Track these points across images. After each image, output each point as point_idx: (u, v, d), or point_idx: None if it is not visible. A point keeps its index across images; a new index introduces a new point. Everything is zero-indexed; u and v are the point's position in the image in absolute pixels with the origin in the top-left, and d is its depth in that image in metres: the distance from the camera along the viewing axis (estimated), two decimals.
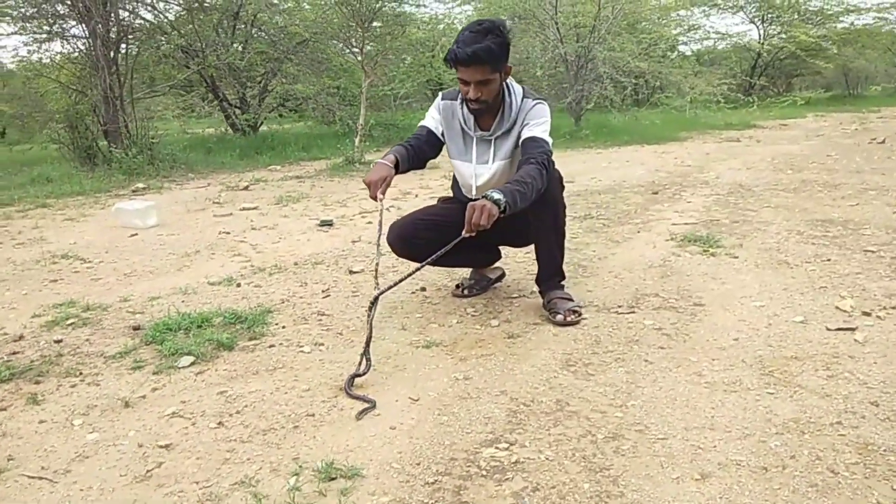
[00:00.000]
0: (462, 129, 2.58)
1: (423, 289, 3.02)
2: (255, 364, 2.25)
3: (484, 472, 1.58)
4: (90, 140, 7.57)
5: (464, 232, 2.10)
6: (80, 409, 1.96)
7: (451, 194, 2.86)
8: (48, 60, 8.23)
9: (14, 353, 2.40)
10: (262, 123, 11.29)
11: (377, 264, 2.24)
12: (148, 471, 1.64)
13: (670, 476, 1.53)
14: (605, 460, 1.61)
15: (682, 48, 16.23)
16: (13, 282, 3.40)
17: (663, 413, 1.82)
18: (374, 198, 2.31)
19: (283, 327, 2.59)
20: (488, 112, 2.51)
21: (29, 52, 8.13)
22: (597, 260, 3.40)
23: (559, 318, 2.51)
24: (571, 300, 2.60)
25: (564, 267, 2.67)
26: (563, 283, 2.68)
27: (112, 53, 7.44)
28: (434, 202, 2.94)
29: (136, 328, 2.61)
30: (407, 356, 2.27)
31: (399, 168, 2.45)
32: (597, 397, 1.93)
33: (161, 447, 1.74)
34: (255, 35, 10.34)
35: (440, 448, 1.69)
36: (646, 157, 8.09)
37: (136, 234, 4.49)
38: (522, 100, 2.51)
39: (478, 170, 2.57)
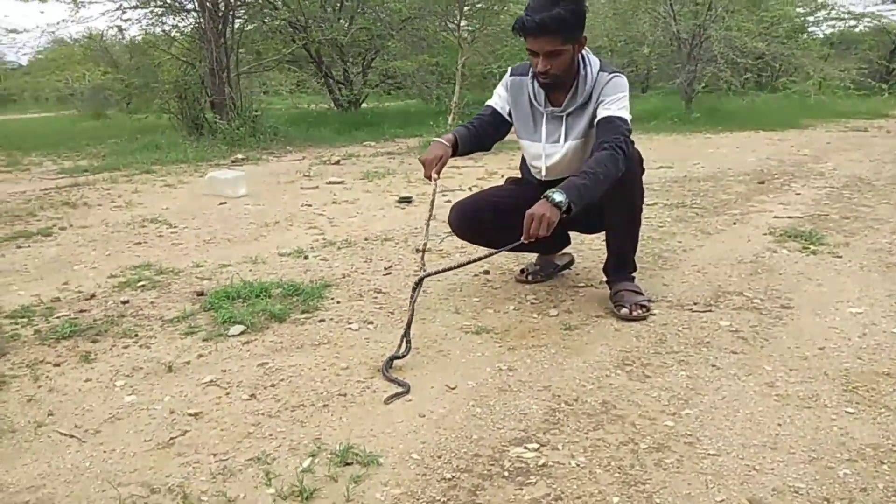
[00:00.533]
0: (531, 105, 2.42)
1: (487, 272, 2.90)
2: (301, 337, 2.22)
3: (506, 473, 1.46)
4: (198, 111, 7.89)
5: (522, 238, 1.97)
6: (126, 370, 2.00)
7: (519, 174, 2.71)
8: (162, 33, 8.63)
9: (82, 311, 2.49)
10: (363, 100, 11.42)
11: (424, 245, 2.14)
12: (172, 438, 1.63)
13: (714, 498, 1.36)
14: (644, 473, 1.45)
15: (812, 29, 14.99)
16: (101, 242, 3.56)
17: (721, 426, 1.63)
18: (429, 177, 2.21)
19: (338, 302, 2.55)
20: (560, 87, 2.34)
21: (150, 23, 8.55)
22: (680, 252, 3.16)
23: (624, 311, 2.33)
24: (640, 294, 2.41)
25: (641, 256, 2.47)
26: (633, 274, 2.49)
27: (220, 27, 7.69)
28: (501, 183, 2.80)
29: (199, 294, 2.65)
30: (454, 341, 2.17)
31: (458, 149, 2.34)
32: (648, 402, 1.76)
33: (190, 415, 1.73)
34: (361, 11, 10.43)
35: (466, 442, 1.59)
36: (758, 144, 7.54)
37: (225, 203, 4.61)
38: (598, 73, 2.32)
39: (547, 149, 2.41)
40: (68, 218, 4.18)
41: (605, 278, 2.54)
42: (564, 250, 2.86)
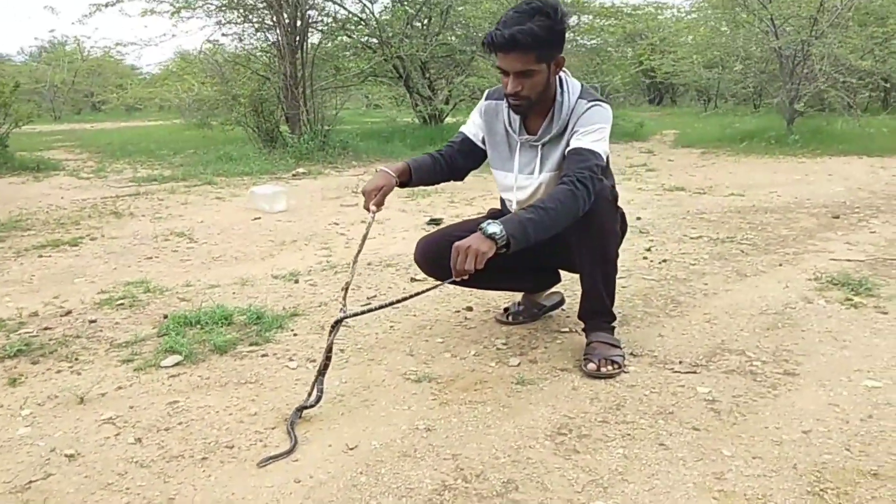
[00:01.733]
0: (506, 132, 2.19)
1: (470, 308, 2.68)
2: (231, 374, 2.09)
3: None
4: (273, 124, 8.07)
5: (453, 276, 1.76)
6: (40, 398, 1.94)
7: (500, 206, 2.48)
8: (240, 49, 8.92)
9: (46, 329, 2.49)
10: (447, 115, 11.35)
11: (348, 284, 1.96)
12: (31, 481, 1.54)
13: None
14: None
15: None
16: (117, 255, 3.61)
17: None
18: (367, 209, 2.03)
19: (295, 335, 2.42)
20: (537, 113, 2.11)
21: (234, 38, 8.86)
22: (700, 297, 2.81)
23: (591, 366, 2.05)
24: (616, 347, 2.12)
25: (651, 299, 2.18)
26: (612, 324, 2.20)
27: (297, 41, 7.83)
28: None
29: (165, 317, 2.59)
30: (387, 390, 1.98)
31: (412, 178, 2.14)
32: (560, 486, 1.49)
33: (67, 456, 1.64)
34: (448, 26, 10.38)
35: None
36: (855, 172, 6.81)
37: (259, 218, 4.61)
38: (577, 100, 2.07)
39: (520, 181, 2.17)
40: (105, 228, 4.30)
41: (581, 325, 2.26)
42: (554, 289, 2.60)
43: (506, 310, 2.55)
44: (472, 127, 2.27)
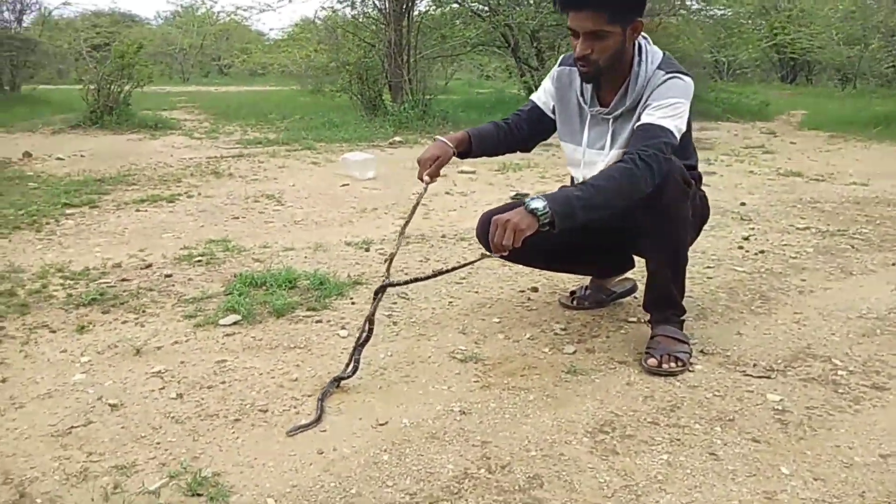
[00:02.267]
0: (578, 103, 2.05)
1: (535, 289, 2.57)
2: (283, 337, 2.11)
3: None
4: (376, 92, 8.13)
5: (487, 251, 1.66)
6: (101, 347, 2.02)
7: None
8: (351, 16, 9.01)
9: (124, 280, 2.60)
10: None
11: (393, 254, 1.90)
12: (73, 427, 1.60)
13: None
14: None
15: None
16: (208, 213, 3.75)
17: None
18: (421, 179, 1.96)
19: (353, 303, 2.40)
20: (611, 83, 1.95)
21: (344, 5, 8.98)
22: (794, 293, 2.56)
23: (651, 362, 1.90)
24: (683, 342, 1.96)
25: (737, 293, 2.01)
26: (682, 318, 2.03)
27: (403, 8, 7.81)
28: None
29: (235, 276, 2.65)
30: (431, 367, 1.92)
31: (472, 148, 2.04)
32: (588, 488, 1.39)
33: (110, 405, 1.69)
34: None
35: (335, 496, 1.36)
36: None
37: (347, 185, 4.66)
38: (655, 71, 1.89)
39: (589, 156, 2.02)
40: (203, 187, 4.48)
41: (647, 316, 2.11)
42: (627, 274, 2.44)
43: (572, 293, 2.42)
44: (543, 94, 2.14)
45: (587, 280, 2.44)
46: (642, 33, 1.91)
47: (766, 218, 3.79)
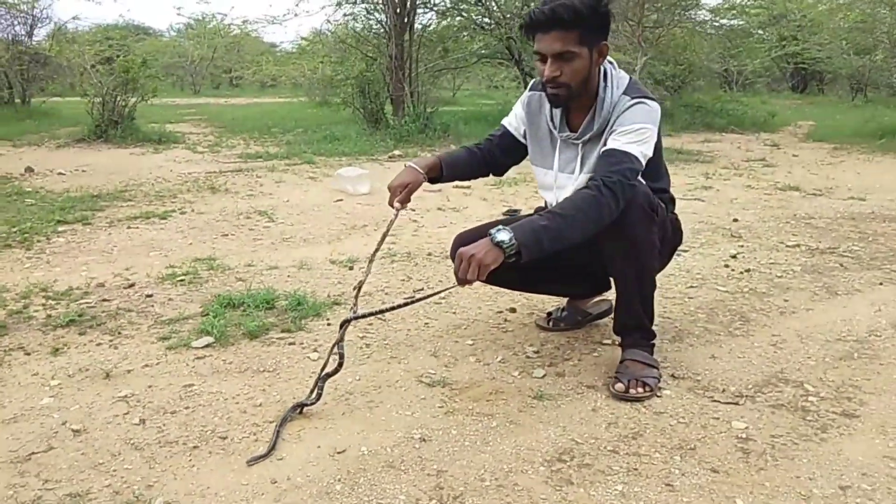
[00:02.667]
0: (548, 127, 2.05)
1: (513, 310, 2.56)
2: (253, 360, 2.11)
3: None
4: (378, 105, 8.16)
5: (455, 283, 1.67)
6: (72, 370, 2.03)
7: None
8: (353, 30, 9.06)
9: (104, 300, 2.62)
10: None
11: (361, 282, 1.90)
12: (33, 453, 1.61)
13: None
14: None
15: None
16: (198, 230, 3.77)
17: None
18: (391, 205, 1.96)
19: (329, 324, 2.41)
20: (579, 108, 1.96)
21: (347, 18, 9.03)
22: (775, 314, 2.54)
23: (619, 387, 1.89)
24: (652, 367, 1.95)
25: (715, 314, 2.00)
26: (651, 342, 2.02)
27: (406, 22, 7.85)
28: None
29: (216, 296, 2.66)
30: (397, 392, 1.92)
31: (443, 174, 2.05)
32: None
33: (73, 431, 1.70)
34: None
35: None
36: None
37: (341, 200, 4.67)
38: (621, 96, 1.89)
39: (560, 180, 2.03)
40: (197, 203, 4.51)
41: (616, 339, 2.10)
42: (604, 296, 2.43)
43: (549, 315, 2.42)
44: (514, 120, 2.14)
45: (565, 301, 2.43)
46: (608, 58, 1.91)
47: (756, 235, 3.76)
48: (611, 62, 1.93)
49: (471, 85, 21.78)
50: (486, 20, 9.69)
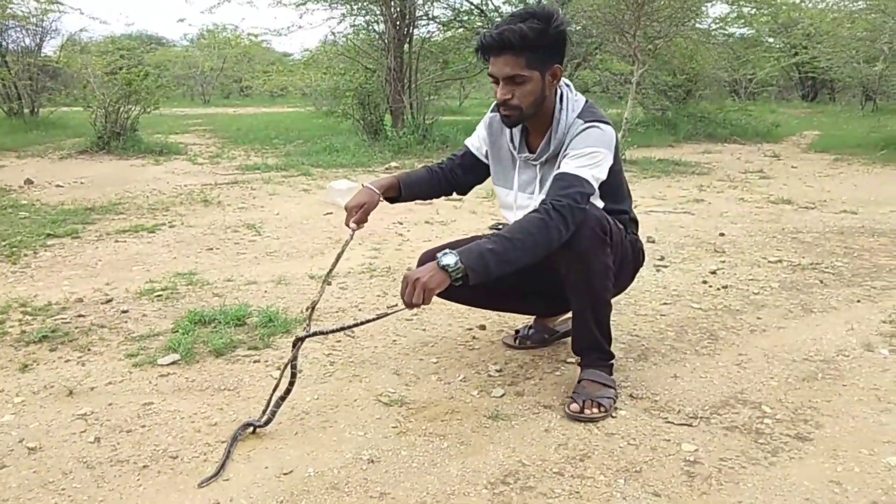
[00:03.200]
0: (508, 148, 2.08)
1: (483, 327, 2.57)
2: (216, 378, 2.13)
3: None
4: (377, 117, 8.21)
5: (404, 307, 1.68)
6: (37, 387, 2.06)
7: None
8: (345, 41, 9.13)
9: (80, 316, 2.65)
10: None
11: (315, 302, 1.92)
12: None
13: None
14: None
15: None
16: (184, 244, 3.81)
17: None
18: (348, 225, 1.99)
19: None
20: (537, 130, 1.98)
21: (348, 31, 9.11)
22: (745, 333, 2.53)
23: (574, 407, 1.90)
24: (608, 387, 1.95)
25: (685, 331, 2.02)
26: (609, 362, 2.02)
27: (405, 33, 7.90)
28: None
29: (189, 312, 2.69)
30: (351, 412, 1.93)
31: (401, 193, 2.07)
32: None
33: (28, 449, 1.73)
34: (569, 18, 10.10)
35: None
36: None
37: (330, 214, 4.70)
38: (575, 119, 1.91)
39: (520, 200, 2.04)
40: (188, 216, 4.55)
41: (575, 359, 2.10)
42: (567, 315, 2.43)
43: (516, 332, 2.43)
44: (477, 140, 2.17)
45: (533, 319, 2.44)
46: (564, 80, 1.93)
47: (740, 250, 3.75)
48: (567, 84, 1.95)
49: (479, 94, 21.81)
50: (485, 30, 9.72)
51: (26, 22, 11.38)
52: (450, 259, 1.62)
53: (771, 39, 19.04)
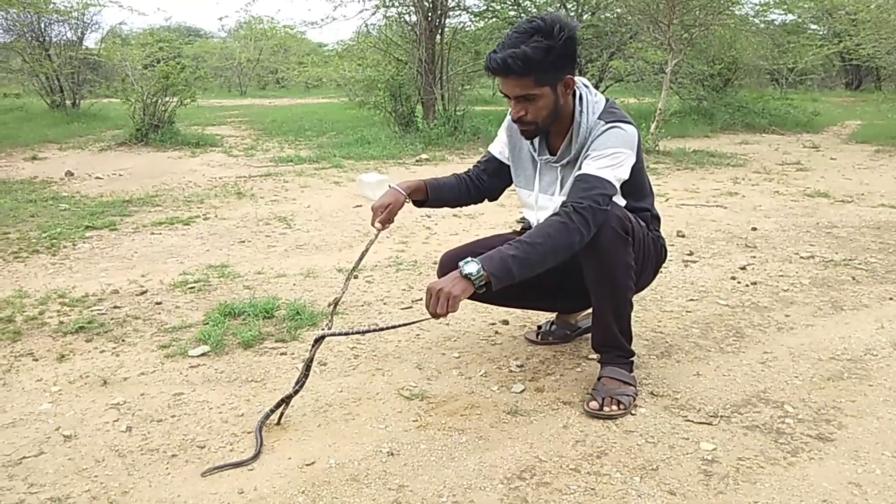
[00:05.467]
0: (529, 151, 2.09)
1: (506, 322, 2.59)
2: (245, 370, 2.19)
3: None
4: (409, 108, 8.24)
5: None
6: (73, 377, 2.14)
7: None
8: (378, 32, 9.16)
9: (115, 307, 2.74)
10: None
11: (337, 300, 1.96)
12: (24, 457, 1.71)
13: None
14: None
15: None
16: (217, 237, 3.89)
17: None
18: (373, 225, 2.02)
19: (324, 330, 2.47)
20: (558, 132, 1.99)
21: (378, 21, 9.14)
22: (772, 330, 2.51)
23: (593, 405, 1.91)
24: (628, 384, 1.96)
25: (711, 328, 2.02)
26: (629, 359, 2.03)
27: (437, 24, 7.90)
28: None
29: (220, 304, 2.76)
30: (374, 405, 1.97)
31: (428, 197, 2.10)
32: None
33: (65, 436, 1.80)
34: (604, 6, 9.99)
35: None
36: None
37: (360, 206, 4.76)
38: (596, 121, 1.91)
39: (542, 201, 2.06)
40: (222, 209, 4.65)
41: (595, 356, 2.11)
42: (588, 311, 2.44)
43: (539, 328, 2.44)
44: (499, 145, 2.18)
45: (555, 314, 2.45)
46: (583, 81, 1.94)
47: (772, 245, 3.70)
48: (586, 86, 1.95)
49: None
50: (519, 20, 9.68)
51: (68, 16, 11.66)
52: (472, 267, 1.64)
53: (814, 26, 18.54)
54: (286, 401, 1.84)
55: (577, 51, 1.86)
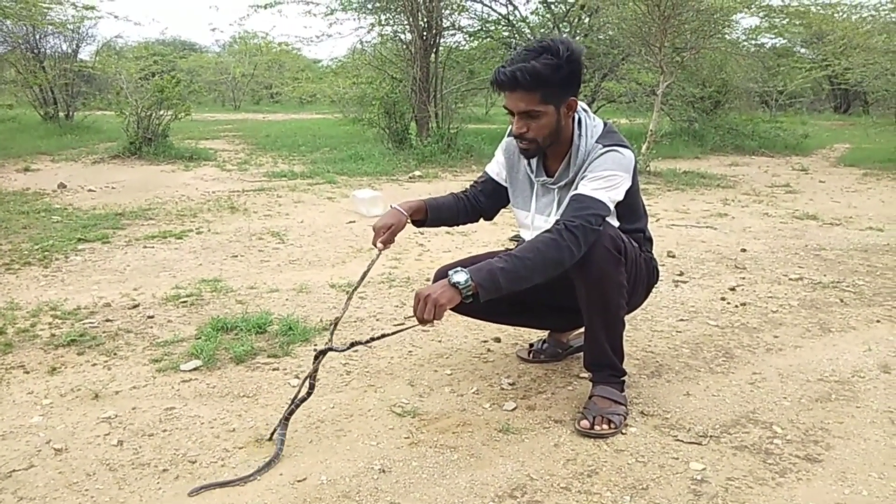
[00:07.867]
0: (526, 172, 2.12)
1: (498, 339, 2.60)
2: (236, 385, 2.19)
3: None
4: (403, 125, 8.29)
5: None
6: (65, 390, 2.14)
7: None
8: (373, 50, 9.24)
9: (107, 321, 2.74)
10: None
11: (338, 318, 1.97)
12: (13, 471, 1.70)
13: None
14: None
15: None
16: (210, 251, 3.90)
17: None
18: (375, 245, 2.04)
19: (314, 350, 2.47)
20: (555, 154, 2.02)
21: (373, 39, 9.22)
22: (760, 351, 2.53)
23: (584, 423, 1.92)
24: (619, 404, 1.98)
25: (701, 348, 2.04)
26: (621, 378, 2.04)
27: (431, 43, 7.97)
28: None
29: (212, 319, 2.76)
30: (365, 422, 1.98)
31: (428, 217, 2.12)
32: None
33: (55, 450, 1.80)
34: (597, 28, 10.11)
35: None
36: None
37: (353, 222, 4.77)
38: (594, 144, 1.94)
39: (538, 221, 2.08)
40: (214, 223, 4.65)
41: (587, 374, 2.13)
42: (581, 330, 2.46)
43: (530, 346, 2.45)
44: (496, 165, 2.21)
45: (547, 333, 2.47)
46: (582, 105, 1.97)
47: (761, 266, 3.74)
48: (585, 109, 1.98)
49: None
50: (513, 40, 9.78)
51: (64, 28, 11.69)
52: (460, 277, 1.66)
53: (803, 50, 18.79)
54: (298, 404, 1.85)
55: (583, 75, 1.90)
